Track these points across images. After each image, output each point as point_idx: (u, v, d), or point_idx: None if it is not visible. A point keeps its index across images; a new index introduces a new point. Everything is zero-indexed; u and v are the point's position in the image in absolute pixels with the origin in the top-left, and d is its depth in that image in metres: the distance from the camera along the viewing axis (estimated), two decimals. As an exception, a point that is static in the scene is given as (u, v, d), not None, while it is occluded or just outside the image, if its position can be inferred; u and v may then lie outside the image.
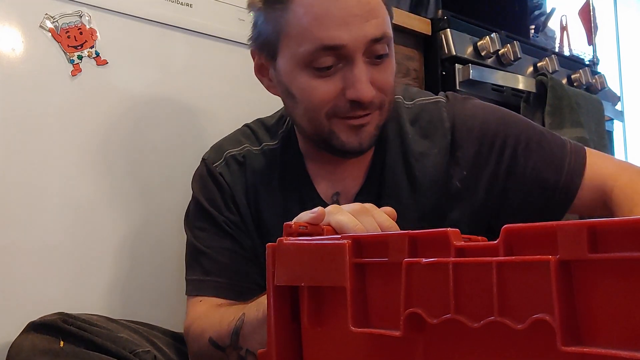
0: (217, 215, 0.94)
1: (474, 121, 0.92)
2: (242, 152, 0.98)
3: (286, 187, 0.95)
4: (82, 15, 1.10)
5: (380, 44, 0.83)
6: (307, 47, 0.81)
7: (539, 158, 0.90)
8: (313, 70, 0.82)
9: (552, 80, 1.74)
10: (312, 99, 0.84)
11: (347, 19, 0.80)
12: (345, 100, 0.83)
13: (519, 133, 0.92)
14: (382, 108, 0.86)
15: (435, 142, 0.92)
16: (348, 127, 0.85)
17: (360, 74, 0.81)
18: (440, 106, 0.94)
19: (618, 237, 0.37)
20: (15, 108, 1.02)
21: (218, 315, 0.85)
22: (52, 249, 1.04)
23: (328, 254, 0.53)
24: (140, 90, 1.17)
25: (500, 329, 0.42)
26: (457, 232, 0.46)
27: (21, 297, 1.00)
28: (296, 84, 0.85)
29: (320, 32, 0.80)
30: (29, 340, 0.80)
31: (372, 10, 0.81)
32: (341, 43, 0.80)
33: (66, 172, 1.07)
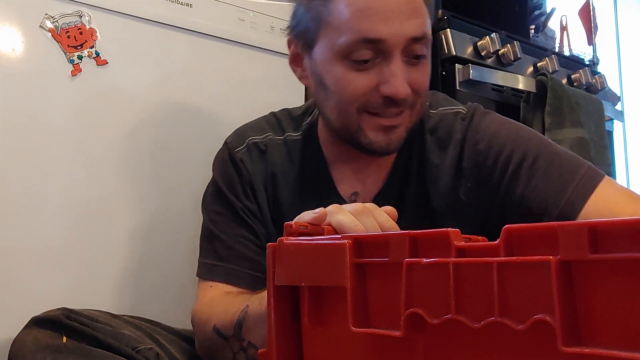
0: (235, 202, 0.94)
1: (484, 134, 0.90)
2: (265, 140, 0.97)
3: (305, 180, 0.95)
4: (82, 15, 1.10)
5: (419, 44, 0.83)
6: (347, 39, 0.81)
7: (542, 177, 0.86)
8: (350, 62, 0.82)
9: (552, 80, 1.74)
10: (345, 91, 0.84)
11: (389, 14, 0.80)
12: (378, 95, 0.83)
13: (528, 150, 0.88)
14: (413, 109, 0.86)
15: (448, 154, 0.91)
16: (378, 126, 0.85)
17: (396, 70, 0.81)
18: (459, 117, 0.93)
19: (619, 238, 0.37)
20: (15, 108, 1.02)
21: (224, 304, 0.85)
22: (54, 246, 1.04)
23: (328, 253, 0.53)
24: (140, 90, 1.17)
25: (500, 329, 0.42)
26: (458, 232, 0.46)
27: (24, 292, 1.00)
28: (331, 74, 0.84)
29: (361, 25, 0.80)
30: (31, 335, 0.80)
31: (415, 9, 0.82)
32: (381, 37, 0.80)
33: (66, 171, 1.07)
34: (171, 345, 0.90)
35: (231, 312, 0.81)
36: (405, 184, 0.93)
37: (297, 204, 0.92)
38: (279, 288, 0.58)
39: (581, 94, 1.85)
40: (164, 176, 1.19)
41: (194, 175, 1.21)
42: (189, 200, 1.20)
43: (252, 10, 1.31)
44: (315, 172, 0.95)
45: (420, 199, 0.92)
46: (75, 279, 1.06)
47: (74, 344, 0.78)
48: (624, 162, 2.84)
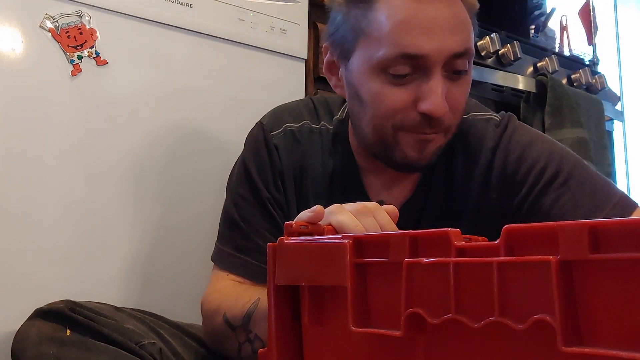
0: (263, 190, 0.91)
1: (517, 146, 0.88)
2: (301, 128, 0.93)
3: (334, 179, 0.92)
4: (82, 15, 1.10)
5: (462, 59, 0.80)
6: (386, 52, 0.78)
7: (572, 199, 0.83)
8: (387, 76, 0.79)
9: (552, 80, 1.74)
10: (381, 106, 0.80)
11: (432, 29, 0.77)
12: (415, 112, 0.79)
13: (561, 167, 0.85)
14: (448, 130, 0.83)
15: (478, 162, 0.88)
16: (414, 142, 0.81)
17: (436, 86, 0.78)
18: (491, 124, 0.90)
19: (619, 238, 0.37)
20: (15, 108, 1.02)
21: (235, 294, 0.84)
22: (57, 239, 1.04)
23: (329, 253, 0.53)
24: (140, 90, 1.17)
25: (500, 329, 0.42)
26: (458, 232, 0.46)
27: (28, 284, 1.00)
28: (367, 87, 0.81)
29: (402, 39, 0.77)
30: (35, 327, 0.80)
31: (458, 24, 0.79)
32: (422, 53, 0.77)
33: (66, 171, 1.07)
34: (174, 340, 0.90)
35: (242, 302, 0.81)
36: (430, 193, 0.90)
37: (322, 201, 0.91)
38: (279, 288, 0.58)
39: (581, 94, 1.85)
40: (164, 176, 1.18)
41: (194, 174, 1.21)
42: (191, 198, 1.20)
43: (252, 10, 1.31)
44: (346, 174, 0.92)
45: (444, 206, 0.89)
46: (79, 272, 1.06)
47: (77, 337, 0.78)
48: (624, 162, 2.84)
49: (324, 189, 0.92)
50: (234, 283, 0.90)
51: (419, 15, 0.77)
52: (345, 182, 0.92)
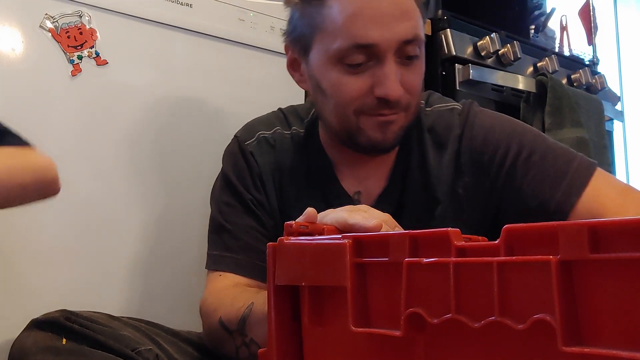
0: (244, 193, 0.95)
1: (480, 130, 0.93)
2: (273, 135, 0.99)
3: (311, 175, 0.96)
4: (82, 15, 1.10)
5: (411, 45, 0.84)
6: (340, 44, 0.83)
7: (538, 171, 0.89)
8: (344, 66, 0.84)
9: (552, 80, 1.74)
10: (341, 94, 0.86)
11: (380, 19, 0.82)
12: (373, 97, 0.85)
13: (524, 144, 0.91)
14: (408, 110, 0.88)
15: (446, 150, 0.93)
16: (375, 124, 0.87)
17: (389, 72, 0.83)
18: (454, 114, 0.95)
19: (619, 238, 0.37)
20: (15, 108, 1.02)
21: (231, 297, 0.86)
22: (54, 247, 1.04)
23: (329, 253, 0.53)
24: (140, 90, 1.17)
25: (500, 329, 0.42)
26: (458, 232, 0.46)
27: (24, 294, 1.00)
28: (327, 79, 0.87)
29: (353, 30, 0.82)
30: (31, 337, 0.80)
31: (405, 12, 0.84)
32: (373, 42, 0.82)
33: (66, 172, 1.06)
34: (171, 346, 0.90)
35: (237, 306, 0.82)
36: (407, 181, 0.94)
37: (303, 198, 0.95)
38: (279, 288, 0.58)
39: (581, 94, 1.85)
40: (164, 176, 1.19)
41: (194, 175, 1.21)
42: (191, 200, 1.20)
43: (252, 10, 1.31)
44: (320, 169, 0.96)
45: (421, 195, 0.93)
46: (76, 281, 1.06)
47: (73, 346, 0.78)
48: (624, 162, 2.84)
49: (302, 188, 0.96)
50: (230, 284, 0.91)
51: (367, 7, 0.82)
52: (320, 178, 0.96)
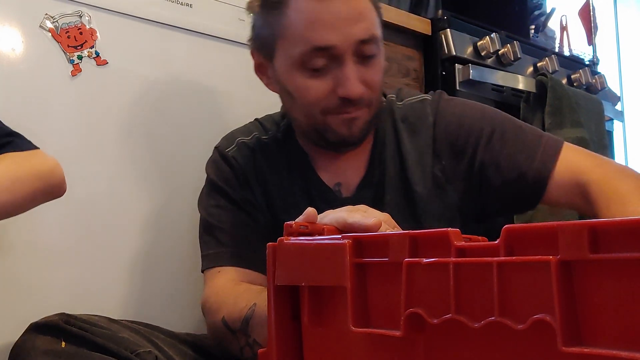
0: (232, 193, 0.98)
1: (452, 117, 0.99)
2: (252, 140, 1.03)
3: (292, 173, 1.00)
4: (82, 15, 1.10)
5: (368, 45, 0.89)
6: (301, 49, 0.88)
7: (513, 145, 0.95)
8: (307, 70, 0.89)
9: (552, 80, 1.74)
10: (307, 97, 0.91)
11: (336, 23, 0.86)
12: (336, 97, 0.89)
13: (495, 125, 0.97)
14: (370, 105, 0.93)
15: (421, 137, 0.98)
16: (341, 121, 0.91)
17: (349, 73, 0.88)
18: (426, 104, 1.01)
19: (619, 238, 0.37)
20: (15, 108, 1.02)
21: (233, 296, 0.87)
22: (53, 250, 1.04)
23: (329, 253, 0.53)
24: (140, 90, 1.17)
25: (500, 329, 0.42)
26: (458, 232, 0.46)
27: (23, 298, 1.00)
28: (292, 83, 0.91)
29: (311, 35, 0.87)
30: (30, 340, 0.80)
31: (360, 13, 0.88)
32: (331, 44, 0.86)
33: (66, 172, 1.06)
34: (170, 348, 0.90)
35: (240, 306, 0.84)
36: (384, 170, 0.98)
37: (287, 196, 0.99)
38: (279, 288, 0.58)
39: (581, 94, 1.85)
40: (165, 176, 1.18)
41: (195, 175, 1.20)
42: (190, 201, 1.19)
43: (252, 10, 1.31)
44: (299, 166, 1.00)
45: (400, 183, 0.97)
46: (74, 283, 1.06)
47: (73, 349, 0.79)
48: (624, 162, 2.84)
49: (285, 185, 0.99)
50: (231, 281, 0.92)
51: (323, 12, 0.86)
52: (300, 174, 0.99)
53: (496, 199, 0.97)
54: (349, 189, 0.98)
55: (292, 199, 0.98)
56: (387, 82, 1.56)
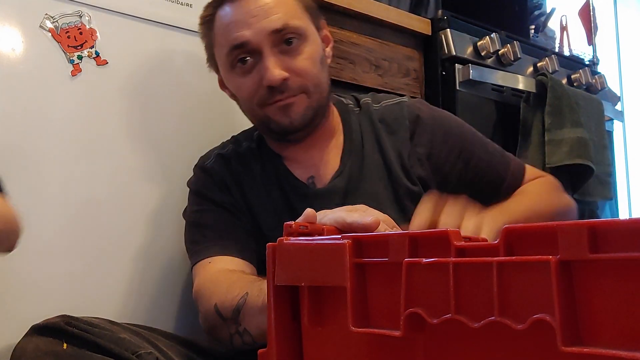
0: (214, 197, 1.03)
1: (427, 118, 1.07)
2: (228, 151, 1.08)
3: (266, 175, 1.05)
4: (82, 15, 1.10)
5: (284, 33, 0.95)
6: (224, 51, 0.97)
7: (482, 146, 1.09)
8: (237, 70, 0.97)
9: (552, 80, 1.74)
10: (243, 94, 0.99)
11: (247, 20, 0.94)
12: (264, 88, 0.95)
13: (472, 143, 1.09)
14: (307, 91, 0.97)
15: (399, 136, 1.05)
16: (277, 109, 0.97)
17: (267, 62, 0.94)
18: (403, 106, 1.08)
19: (618, 237, 0.37)
20: (15, 108, 1.02)
21: (226, 284, 0.89)
22: (54, 251, 1.04)
23: (328, 253, 0.53)
24: (140, 90, 1.16)
25: (500, 329, 0.42)
26: (458, 232, 0.47)
27: (24, 300, 1.00)
28: (231, 85, 1.02)
29: (228, 36, 0.96)
30: (32, 342, 0.81)
31: (270, 8, 0.95)
32: (244, 39, 0.94)
33: (66, 172, 1.07)
34: (170, 350, 0.91)
35: (232, 295, 0.85)
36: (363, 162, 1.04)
37: (262, 195, 1.03)
38: (279, 288, 0.58)
39: (581, 94, 1.85)
40: (164, 177, 1.18)
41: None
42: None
43: (252, 10, 1.31)
44: (273, 167, 1.05)
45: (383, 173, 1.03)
46: (76, 285, 1.06)
47: (74, 350, 0.79)
48: (624, 162, 2.84)
49: (260, 187, 1.04)
50: (223, 269, 0.94)
51: (235, 14, 0.95)
52: (274, 172, 1.05)
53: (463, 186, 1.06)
54: (322, 181, 1.03)
55: (268, 198, 1.03)
56: (387, 82, 1.57)
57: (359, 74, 1.50)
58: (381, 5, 1.57)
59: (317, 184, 1.03)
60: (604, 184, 1.87)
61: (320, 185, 1.03)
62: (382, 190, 1.02)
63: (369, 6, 1.52)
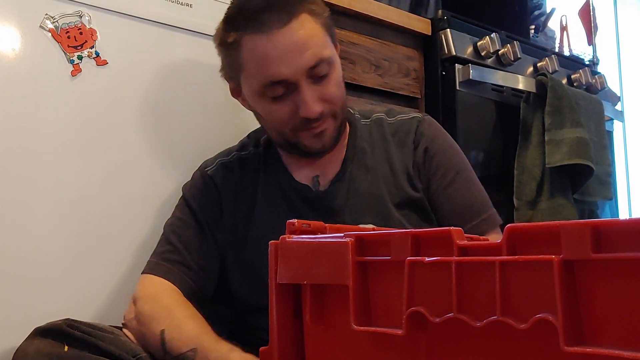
0: (199, 212, 1.05)
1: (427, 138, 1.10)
2: (232, 159, 1.11)
3: (268, 178, 1.08)
4: (82, 15, 1.10)
5: (319, 67, 0.96)
6: (259, 83, 0.97)
7: (462, 187, 1.10)
8: (268, 97, 0.98)
9: (552, 80, 1.74)
10: (274, 119, 1.00)
11: (283, 57, 0.94)
12: (299, 117, 0.97)
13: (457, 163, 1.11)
14: (335, 115, 1.01)
15: (406, 149, 1.10)
16: (311, 136, 1.00)
17: (305, 96, 0.95)
18: (415, 121, 1.12)
19: (621, 237, 0.37)
20: (15, 108, 1.02)
21: (177, 320, 0.91)
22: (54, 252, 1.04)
23: (331, 252, 0.53)
24: (140, 90, 1.16)
25: (502, 328, 0.42)
26: (460, 231, 0.46)
27: (27, 304, 1.00)
28: (259, 108, 1.02)
29: (264, 71, 0.95)
30: (34, 345, 0.81)
31: (304, 43, 0.95)
32: (283, 77, 0.94)
33: (66, 172, 1.06)
34: None
35: (183, 338, 0.87)
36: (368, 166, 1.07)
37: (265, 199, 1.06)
38: (282, 286, 0.58)
39: (581, 94, 1.85)
40: (164, 177, 1.18)
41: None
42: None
43: (252, 10, 1.31)
44: (274, 170, 1.08)
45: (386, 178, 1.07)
46: (79, 289, 1.06)
47: (75, 352, 0.80)
48: (624, 162, 2.84)
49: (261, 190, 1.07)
50: (174, 300, 0.96)
51: (270, 48, 0.94)
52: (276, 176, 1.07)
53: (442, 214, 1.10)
54: (324, 184, 1.07)
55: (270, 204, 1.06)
56: (387, 82, 1.57)
57: (359, 74, 1.50)
58: (381, 5, 1.57)
59: (321, 182, 1.07)
60: (604, 184, 1.87)
61: (322, 188, 1.06)
62: (386, 195, 1.05)
63: (369, 6, 1.52)
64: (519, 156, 1.73)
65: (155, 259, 1.03)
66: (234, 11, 0.99)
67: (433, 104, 1.64)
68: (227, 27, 0.98)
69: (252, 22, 0.94)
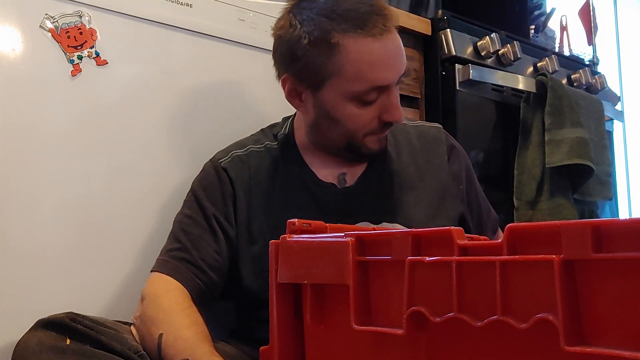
0: (209, 208, 1.03)
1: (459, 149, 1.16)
2: (246, 152, 1.08)
3: (287, 174, 1.06)
4: (82, 15, 1.10)
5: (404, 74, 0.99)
6: (361, 87, 0.95)
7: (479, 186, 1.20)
8: (359, 102, 0.96)
9: (552, 80, 1.74)
10: (356, 123, 0.99)
11: (390, 62, 0.95)
12: (379, 121, 0.99)
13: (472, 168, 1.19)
14: None
15: (437, 154, 1.12)
16: (377, 140, 1.02)
17: (396, 101, 0.98)
18: (440, 131, 1.16)
19: (622, 237, 0.37)
20: (15, 108, 1.02)
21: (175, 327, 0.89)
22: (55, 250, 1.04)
23: (331, 251, 0.53)
24: (140, 91, 1.16)
25: (503, 328, 0.42)
26: (461, 231, 0.46)
27: (30, 296, 1.00)
28: (341, 112, 0.98)
29: (372, 76, 0.94)
30: (36, 337, 0.81)
31: (401, 48, 0.97)
32: (387, 83, 0.95)
33: (66, 172, 1.06)
34: None
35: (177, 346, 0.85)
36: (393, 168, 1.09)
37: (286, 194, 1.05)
38: (282, 285, 0.58)
39: (581, 94, 1.85)
40: (165, 177, 1.18)
41: (194, 175, 1.20)
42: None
43: (252, 10, 1.31)
44: (296, 168, 1.07)
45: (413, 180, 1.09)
46: (82, 283, 1.06)
47: (77, 346, 0.80)
48: (624, 162, 2.84)
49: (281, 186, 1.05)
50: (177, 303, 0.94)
51: (380, 53, 0.94)
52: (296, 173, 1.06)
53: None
54: (353, 178, 1.07)
55: (290, 201, 1.05)
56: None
57: (359, 74, 1.50)
58: (381, 5, 1.57)
59: (347, 180, 1.07)
60: (604, 184, 1.87)
61: (349, 184, 1.07)
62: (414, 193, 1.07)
63: (369, 6, 1.52)
64: (519, 156, 1.73)
65: (164, 257, 1.01)
66: (333, 13, 0.94)
67: (433, 104, 1.64)
68: (321, 25, 0.93)
69: (362, 24, 0.92)
